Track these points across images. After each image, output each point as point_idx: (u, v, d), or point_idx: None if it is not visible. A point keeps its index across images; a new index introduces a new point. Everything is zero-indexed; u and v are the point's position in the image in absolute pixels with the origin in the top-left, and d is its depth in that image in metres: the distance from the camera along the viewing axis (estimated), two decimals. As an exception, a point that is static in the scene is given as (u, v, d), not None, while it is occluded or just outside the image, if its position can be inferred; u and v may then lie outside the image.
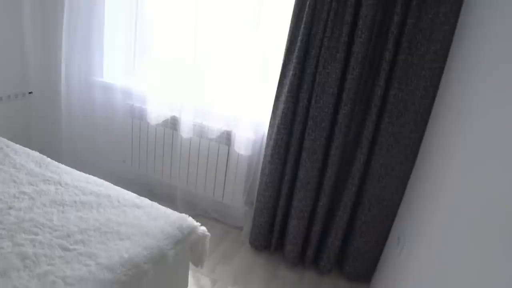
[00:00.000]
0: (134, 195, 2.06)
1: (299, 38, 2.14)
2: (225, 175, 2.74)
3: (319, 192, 2.33)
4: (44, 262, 1.51)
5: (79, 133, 3.23)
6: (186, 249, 1.93)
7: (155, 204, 2.00)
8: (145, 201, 2.01)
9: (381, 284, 2.23)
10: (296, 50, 2.16)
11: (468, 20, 1.79)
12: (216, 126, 2.67)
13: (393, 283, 1.96)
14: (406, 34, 1.95)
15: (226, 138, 2.65)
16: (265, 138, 2.53)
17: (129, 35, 3.12)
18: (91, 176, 2.22)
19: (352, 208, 2.32)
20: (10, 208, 1.83)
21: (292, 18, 2.17)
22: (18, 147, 2.45)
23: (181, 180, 2.91)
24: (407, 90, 2.03)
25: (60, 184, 2.07)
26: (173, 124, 2.81)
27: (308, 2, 2.06)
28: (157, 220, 1.84)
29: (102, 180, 2.18)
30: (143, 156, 3.03)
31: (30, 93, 3.46)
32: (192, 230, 1.91)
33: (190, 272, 2.10)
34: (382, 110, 2.12)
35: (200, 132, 2.72)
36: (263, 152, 2.52)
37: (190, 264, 2.04)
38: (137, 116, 2.93)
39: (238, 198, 2.75)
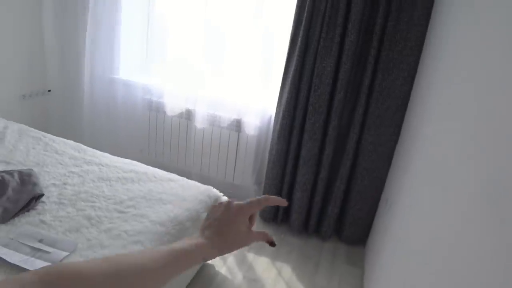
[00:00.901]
0: (166, 172, 2.44)
1: (299, 38, 2.54)
2: (236, 159, 3.13)
3: (319, 167, 2.74)
4: (106, 221, 1.88)
5: (99, 126, 3.57)
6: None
7: (185, 178, 2.39)
8: (176, 176, 2.39)
9: (374, 245, 2.63)
10: (297, 48, 2.56)
11: (437, 21, 2.21)
12: (227, 115, 3.05)
13: (382, 242, 2.36)
14: (387, 34, 2.38)
15: (236, 125, 3.04)
16: (271, 124, 2.92)
17: (143, 34, 3.44)
18: (124, 159, 2.58)
19: (347, 180, 2.74)
20: (64, 184, 2.18)
21: (293, 22, 2.57)
22: (53, 137, 2.78)
23: (195, 165, 3.29)
24: (389, 79, 2.45)
25: (101, 165, 2.43)
26: (187, 115, 3.18)
27: (306, 9, 2.46)
28: (190, 190, 2.23)
29: (135, 161, 2.55)
30: (160, 146, 3.39)
31: (49, 91, 3.79)
32: (217, 198, 2.31)
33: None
34: (369, 97, 2.54)
35: (213, 121, 3.10)
36: (269, 136, 2.92)
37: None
38: (154, 109, 3.29)
39: (248, 179, 3.14)
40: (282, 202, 0.76)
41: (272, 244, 0.75)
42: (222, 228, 0.71)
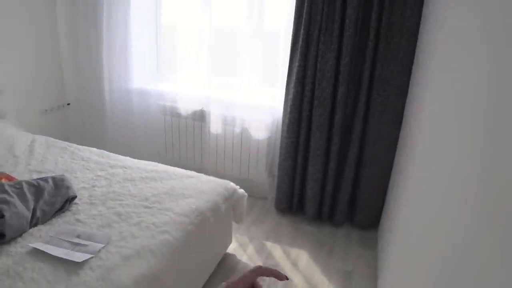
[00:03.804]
0: (184, 170, 2.62)
1: (300, 36, 2.70)
2: (249, 155, 3.30)
3: (328, 157, 2.89)
4: (135, 216, 2.06)
5: (118, 134, 3.77)
6: (231, 207, 2.49)
7: (203, 174, 2.56)
8: (194, 173, 2.57)
9: (385, 228, 2.76)
10: (299, 46, 2.72)
11: (429, 11, 2.35)
12: (238, 114, 3.23)
13: (392, 224, 2.49)
14: (383, 27, 2.53)
15: (248, 124, 3.21)
16: (279, 120, 3.09)
17: (152, 42, 3.61)
18: (145, 161, 2.77)
19: (355, 167, 2.89)
20: (93, 186, 2.37)
21: (293, 21, 2.73)
22: (78, 146, 2.98)
23: (211, 164, 3.47)
24: (388, 69, 2.60)
25: (125, 167, 2.62)
26: (201, 116, 3.36)
27: (305, 10, 2.63)
28: (209, 184, 2.41)
29: (155, 162, 2.74)
30: (176, 148, 3.59)
31: (68, 104, 4.01)
32: (234, 191, 2.48)
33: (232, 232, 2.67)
34: (370, 86, 2.69)
35: (225, 120, 3.28)
36: (279, 131, 3.09)
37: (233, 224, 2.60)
38: (169, 113, 3.48)
39: (262, 172, 3.31)
40: (279, 276, 0.71)
41: (285, 278, 0.72)
42: None
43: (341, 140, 2.85)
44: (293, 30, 2.75)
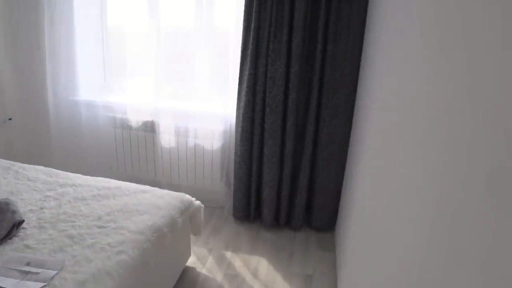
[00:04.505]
0: (137, 184, 2.55)
1: (250, 44, 2.71)
2: (203, 164, 3.27)
3: (282, 163, 2.92)
4: (88, 237, 1.99)
5: (66, 149, 3.62)
6: (188, 220, 2.46)
7: (157, 188, 2.51)
8: (148, 187, 2.52)
9: (341, 229, 2.82)
10: (249, 54, 2.73)
11: (374, 10, 2.43)
12: (190, 123, 3.19)
13: (347, 224, 2.55)
14: (330, 32, 2.58)
15: (200, 132, 3.18)
16: (232, 127, 3.08)
17: (99, 50, 3.48)
18: (96, 177, 2.67)
19: (310, 172, 2.94)
20: (42, 208, 2.26)
21: (243, 27, 2.73)
22: (23, 164, 2.82)
23: (165, 175, 3.41)
24: (336, 73, 2.67)
25: (75, 185, 2.52)
26: (152, 127, 3.29)
27: (253, 16, 2.64)
28: (164, 198, 2.36)
29: (107, 178, 2.65)
30: (128, 160, 3.49)
31: (9, 119, 3.80)
32: (191, 203, 2.45)
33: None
34: (320, 92, 2.74)
35: (177, 130, 3.23)
36: (233, 139, 3.08)
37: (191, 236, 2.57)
38: (119, 125, 3.38)
39: (217, 181, 3.29)
40: None
41: None
42: None
43: (294, 146, 2.89)
44: (242, 37, 2.75)
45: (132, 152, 3.45)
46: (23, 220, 2.09)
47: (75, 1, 3.20)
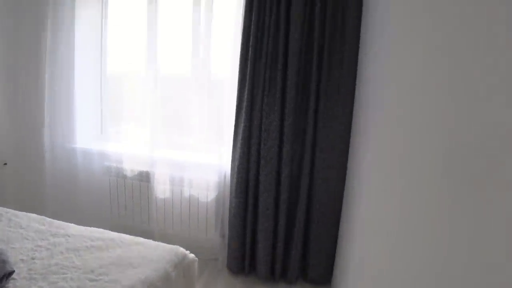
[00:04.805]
0: (131, 236, 2.53)
1: (245, 97, 2.79)
2: (198, 215, 3.26)
3: (277, 215, 2.92)
4: (80, 291, 1.96)
5: (61, 196, 3.61)
6: (181, 273, 2.43)
7: (151, 240, 2.49)
8: (142, 239, 2.50)
9: (338, 281, 2.79)
10: (244, 107, 2.81)
11: (364, 72, 2.52)
12: (185, 174, 3.21)
13: (345, 276, 2.54)
14: (322, 86, 2.68)
15: (196, 183, 3.19)
16: (228, 178, 3.10)
17: (97, 99, 3.55)
18: (89, 228, 2.65)
19: (305, 223, 2.93)
20: (33, 258, 2.23)
21: (238, 81, 2.82)
22: (16, 212, 2.80)
23: (159, 225, 3.38)
24: (329, 127, 2.73)
25: (68, 236, 2.49)
26: (147, 177, 3.31)
27: (248, 73, 2.74)
28: (157, 250, 2.34)
29: (101, 229, 2.63)
30: (122, 209, 3.47)
31: (4, 164, 3.80)
32: (184, 256, 2.42)
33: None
34: (314, 145, 2.79)
35: (172, 180, 3.24)
36: (227, 190, 3.10)
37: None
38: (114, 174, 3.40)
39: (212, 232, 3.27)
40: None
41: None
42: None
43: (289, 197, 2.90)
44: (237, 91, 2.84)
45: (127, 201, 3.44)
46: (14, 271, 2.05)
47: (76, 46, 3.32)
